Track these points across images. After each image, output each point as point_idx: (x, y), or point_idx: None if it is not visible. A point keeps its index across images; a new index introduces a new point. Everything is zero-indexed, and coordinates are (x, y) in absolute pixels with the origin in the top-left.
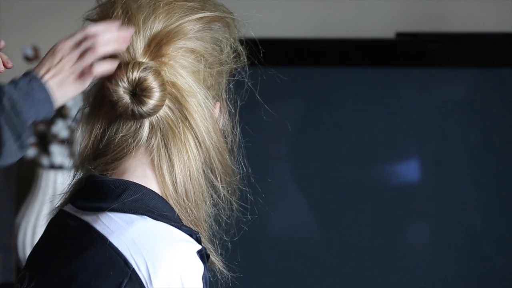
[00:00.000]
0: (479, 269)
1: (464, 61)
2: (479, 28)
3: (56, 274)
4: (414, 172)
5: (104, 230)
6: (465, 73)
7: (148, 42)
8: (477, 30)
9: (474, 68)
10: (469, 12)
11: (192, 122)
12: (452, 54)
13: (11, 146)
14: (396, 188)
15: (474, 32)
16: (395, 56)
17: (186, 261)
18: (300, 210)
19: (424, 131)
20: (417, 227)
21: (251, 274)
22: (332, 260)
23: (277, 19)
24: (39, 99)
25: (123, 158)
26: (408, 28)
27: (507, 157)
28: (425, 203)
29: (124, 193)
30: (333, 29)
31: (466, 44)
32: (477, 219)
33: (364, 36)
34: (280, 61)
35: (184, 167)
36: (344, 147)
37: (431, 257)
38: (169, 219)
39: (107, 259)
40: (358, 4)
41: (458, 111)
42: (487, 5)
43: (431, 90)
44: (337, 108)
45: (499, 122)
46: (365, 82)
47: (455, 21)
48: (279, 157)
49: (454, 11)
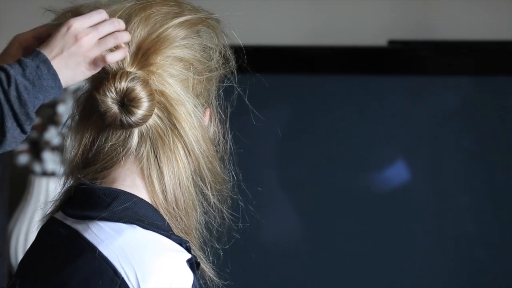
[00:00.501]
0: (471, 273)
1: (455, 68)
2: (470, 36)
3: (46, 282)
4: (405, 178)
5: (94, 239)
6: (456, 80)
7: (136, 50)
8: (468, 38)
9: (464, 76)
10: (459, 21)
11: (181, 130)
12: (443, 61)
13: (14, 132)
14: (387, 195)
15: (464, 40)
16: (388, 64)
17: (175, 270)
18: (291, 217)
19: (415, 138)
20: (409, 233)
21: (242, 281)
22: (323, 267)
23: (271, 26)
24: (47, 86)
25: (112, 167)
26: (400, 36)
27: (498, 163)
28: (416, 209)
29: (114, 202)
30: (326, 37)
31: (456, 52)
32: (470, 224)
33: (357, 44)
34: (273, 68)
35: (174, 176)
36: (335, 154)
37: (423, 261)
38: (159, 228)
39: (96, 268)
40: (351, 12)
41: (450, 118)
42: (477, 13)
43: (422, 97)
44: (330, 115)
45: (490, 129)
46: (358, 89)
47: (446, 29)
48: (270, 163)
49: (445, 20)
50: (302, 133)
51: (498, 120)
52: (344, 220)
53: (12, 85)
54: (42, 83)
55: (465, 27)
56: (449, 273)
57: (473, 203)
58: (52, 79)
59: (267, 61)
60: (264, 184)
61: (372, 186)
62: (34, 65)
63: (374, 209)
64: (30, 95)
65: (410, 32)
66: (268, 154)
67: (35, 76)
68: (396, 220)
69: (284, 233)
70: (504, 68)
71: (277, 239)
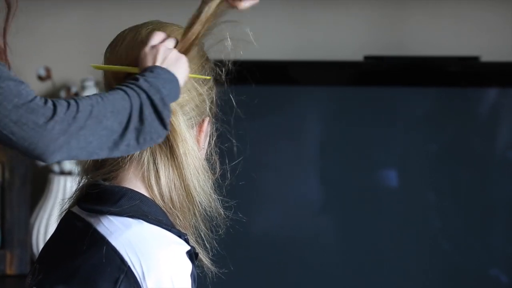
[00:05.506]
0: (439, 265)
1: (423, 81)
2: (436, 52)
3: (61, 268)
4: (391, 180)
5: (104, 231)
6: (424, 91)
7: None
8: (434, 54)
9: (431, 87)
10: (427, 39)
11: (177, 139)
12: (412, 75)
13: (153, 122)
14: (373, 195)
15: (431, 56)
16: (363, 77)
17: (176, 261)
18: (285, 210)
19: (388, 143)
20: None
21: (238, 269)
22: (315, 257)
23: (260, 43)
24: (167, 78)
25: (118, 170)
26: (375, 52)
27: (463, 165)
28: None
29: (122, 198)
30: (309, 53)
31: (424, 66)
32: (437, 220)
33: (336, 59)
34: (262, 81)
35: (169, 180)
36: (312, 158)
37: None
38: (161, 222)
39: (106, 257)
40: (331, 31)
41: (419, 125)
42: (442, 32)
43: (395, 106)
44: (314, 122)
45: (454, 134)
46: (337, 99)
47: (415, 46)
48: (265, 164)
49: (414, 38)
50: (289, 136)
51: (461, 127)
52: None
53: (140, 79)
54: (162, 76)
55: (430, 44)
56: (418, 263)
57: (439, 200)
58: (169, 73)
59: (256, 74)
60: (258, 180)
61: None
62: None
63: (363, 206)
64: (158, 83)
65: (384, 48)
66: (262, 155)
67: (153, 74)
68: (384, 217)
69: (277, 226)
70: (467, 80)
71: (270, 231)
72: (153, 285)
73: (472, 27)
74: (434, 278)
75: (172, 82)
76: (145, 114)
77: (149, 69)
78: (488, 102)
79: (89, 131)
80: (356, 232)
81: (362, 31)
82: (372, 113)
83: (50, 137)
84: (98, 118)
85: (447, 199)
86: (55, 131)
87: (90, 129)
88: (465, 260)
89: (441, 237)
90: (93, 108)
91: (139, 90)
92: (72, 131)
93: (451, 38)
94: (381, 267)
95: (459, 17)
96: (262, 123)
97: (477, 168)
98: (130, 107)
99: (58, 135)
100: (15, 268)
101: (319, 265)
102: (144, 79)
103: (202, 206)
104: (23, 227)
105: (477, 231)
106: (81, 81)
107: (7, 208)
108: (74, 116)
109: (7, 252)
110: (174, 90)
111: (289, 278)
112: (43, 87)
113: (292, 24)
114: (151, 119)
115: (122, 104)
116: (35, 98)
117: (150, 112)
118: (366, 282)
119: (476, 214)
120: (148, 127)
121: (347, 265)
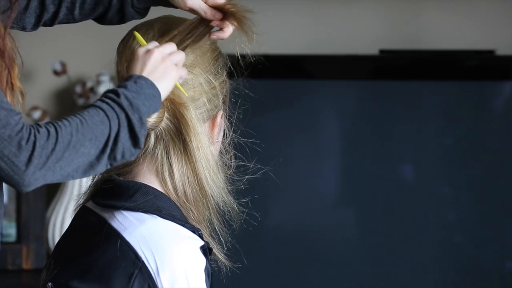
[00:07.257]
0: (455, 258)
1: (438, 74)
2: (452, 46)
3: (76, 264)
4: (406, 174)
5: (119, 227)
6: (439, 85)
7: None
8: (450, 47)
9: (447, 81)
10: (442, 32)
11: (190, 133)
12: (427, 68)
13: (126, 142)
14: (388, 188)
15: (446, 49)
16: (379, 70)
17: (190, 256)
18: (300, 204)
19: (403, 137)
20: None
21: (252, 263)
22: (330, 251)
23: (276, 37)
24: (149, 94)
25: (132, 165)
26: (390, 46)
27: (478, 159)
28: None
29: (136, 193)
30: (325, 47)
31: (439, 60)
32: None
33: (352, 53)
34: (278, 75)
35: (183, 174)
36: (334, 150)
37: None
38: (175, 217)
39: (120, 252)
40: (347, 26)
41: (434, 119)
42: (457, 25)
43: (410, 100)
44: (329, 116)
45: (470, 128)
46: (353, 92)
47: (430, 40)
48: (280, 158)
49: (429, 32)
50: (305, 129)
51: (477, 120)
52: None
53: (121, 96)
54: (144, 91)
55: (446, 38)
56: (435, 257)
57: (456, 194)
58: (152, 87)
59: (272, 68)
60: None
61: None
62: (131, 81)
63: (378, 201)
64: (138, 101)
65: (399, 42)
66: (277, 148)
67: (136, 87)
68: (398, 212)
69: (290, 220)
70: (482, 74)
71: (283, 225)
72: (167, 280)
73: (488, 21)
74: (449, 271)
75: (154, 98)
76: (120, 136)
77: (134, 79)
78: (504, 95)
79: (65, 162)
80: (372, 226)
81: (378, 25)
82: (387, 106)
83: (27, 172)
84: (75, 148)
85: (463, 193)
86: (32, 167)
87: (67, 160)
88: (481, 253)
89: (456, 230)
90: (72, 138)
91: (119, 110)
92: (49, 164)
93: (466, 32)
94: (397, 261)
95: (475, 11)
96: (278, 117)
97: (493, 162)
98: (108, 132)
99: (35, 169)
100: (32, 262)
101: (334, 260)
102: (125, 95)
103: (215, 200)
104: (39, 221)
105: (493, 224)
106: (96, 75)
107: (23, 203)
108: (52, 149)
109: (23, 247)
110: (154, 106)
111: (304, 273)
112: (58, 82)
113: (308, 18)
114: (125, 140)
115: (101, 129)
116: (22, 130)
117: (125, 133)
118: (382, 276)
119: (492, 207)
120: (121, 147)
121: (363, 259)
